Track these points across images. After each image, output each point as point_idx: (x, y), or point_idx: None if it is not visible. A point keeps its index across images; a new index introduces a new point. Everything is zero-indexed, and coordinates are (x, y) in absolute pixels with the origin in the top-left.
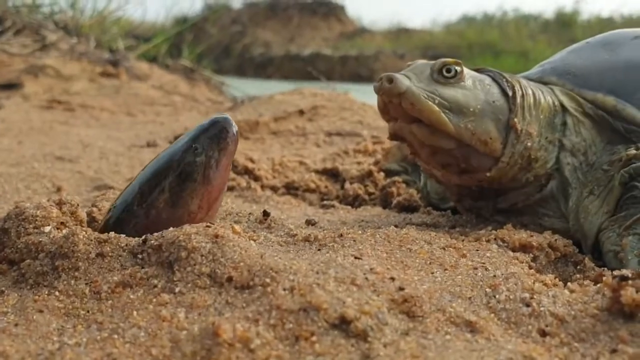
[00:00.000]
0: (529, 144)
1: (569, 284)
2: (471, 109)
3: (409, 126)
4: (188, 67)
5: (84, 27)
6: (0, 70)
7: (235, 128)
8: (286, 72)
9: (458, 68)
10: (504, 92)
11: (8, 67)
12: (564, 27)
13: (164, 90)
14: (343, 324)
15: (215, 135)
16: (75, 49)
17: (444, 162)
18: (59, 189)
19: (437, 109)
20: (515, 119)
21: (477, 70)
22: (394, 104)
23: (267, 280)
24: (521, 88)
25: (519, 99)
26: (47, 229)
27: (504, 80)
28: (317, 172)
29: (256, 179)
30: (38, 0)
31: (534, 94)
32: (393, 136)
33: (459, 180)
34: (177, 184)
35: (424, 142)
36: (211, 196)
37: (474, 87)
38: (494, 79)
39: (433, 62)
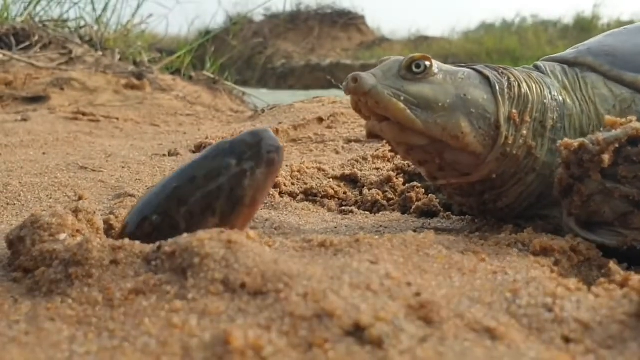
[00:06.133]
0: (524, 131)
1: (593, 288)
2: (440, 104)
3: (380, 124)
4: (211, 78)
5: (109, 41)
6: (28, 84)
7: (281, 147)
8: (307, 82)
9: (427, 63)
10: (489, 85)
11: (35, 80)
12: (584, 32)
13: (186, 101)
14: (358, 331)
15: (265, 156)
16: (100, 62)
17: (421, 159)
18: (80, 198)
19: (402, 106)
20: (514, 110)
21: (465, 67)
22: (362, 103)
23: (281, 286)
24: (516, 79)
25: (516, 90)
26: (62, 236)
27: (495, 72)
28: (335, 178)
29: (275, 185)
30: (64, 16)
31: (526, 82)
32: (370, 134)
33: (457, 179)
34: (227, 207)
35: (397, 140)
36: (252, 216)
37: (444, 81)
38: (479, 72)
39: (403, 57)
